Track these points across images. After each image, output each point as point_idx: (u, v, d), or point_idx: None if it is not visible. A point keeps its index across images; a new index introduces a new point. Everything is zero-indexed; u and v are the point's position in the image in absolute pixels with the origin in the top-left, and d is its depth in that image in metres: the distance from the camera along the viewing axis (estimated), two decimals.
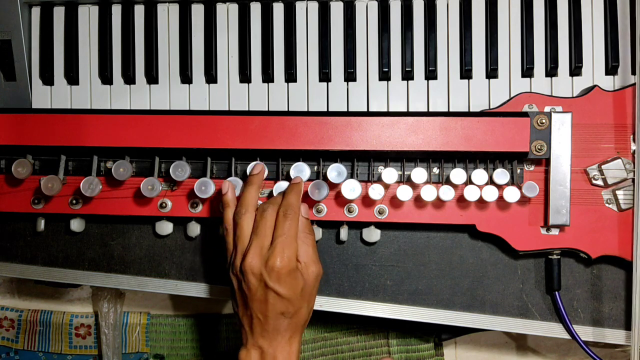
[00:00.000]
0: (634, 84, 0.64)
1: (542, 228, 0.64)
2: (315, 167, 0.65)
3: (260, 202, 0.60)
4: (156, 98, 0.71)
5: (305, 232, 0.59)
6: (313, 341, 0.92)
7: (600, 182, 0.63)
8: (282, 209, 0.57)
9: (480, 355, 0.93)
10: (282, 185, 0.62)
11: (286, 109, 0.70)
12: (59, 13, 0.72)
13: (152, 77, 0.71)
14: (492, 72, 0.69)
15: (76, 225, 0.68)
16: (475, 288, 0.68)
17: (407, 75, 0.70)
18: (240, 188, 0.61)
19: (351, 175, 0.64)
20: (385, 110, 0.70)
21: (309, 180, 0.62)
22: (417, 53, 0.70)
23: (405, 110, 0.70)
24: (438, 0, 0.70)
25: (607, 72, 0.68)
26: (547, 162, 0.62)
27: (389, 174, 0.62)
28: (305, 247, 0.58)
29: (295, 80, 0.71)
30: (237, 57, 0.71)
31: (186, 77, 0.71)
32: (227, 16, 0.72)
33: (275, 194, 0.61)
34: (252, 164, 0.62)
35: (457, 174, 0.61)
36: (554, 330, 0.68)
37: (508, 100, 0.65)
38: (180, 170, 0.61)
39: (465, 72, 0.69)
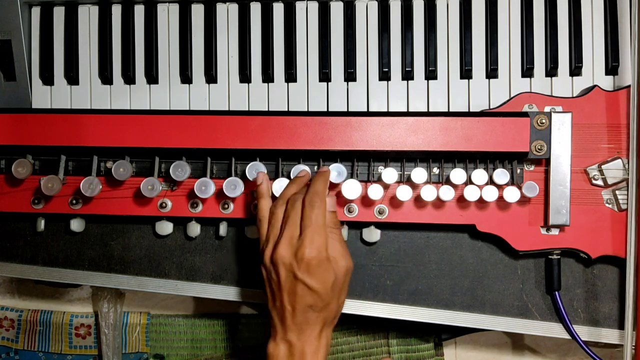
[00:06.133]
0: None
1: (542, 228, 0.64)
2: (315, 167, 0.64)
3: None
4: (156, 98, 0.71)
5: (331, 227, 0.57)
6: None
7: (600, 182, 0.63)
8: (308, 197, 0.56)
9: (480, 355, 0.93)
10: (281, 182, 0.62)
11: (286, 109, 0.70)
12: (59, 13, 0.72)
13: (152, 77, 0.71)
14: (492, 72, 0.69)
15: (76, 225, 0.68)
16: (475, 288, 0.68)
17: (407, 75, 0.70)
18: (239, 188, 0.61)
19: (351, 175, 0.64)
20: (385, 110, 0.70)
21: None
22: (417, 53, 0.70)
23: (405, 110, 0.70)
24: (438, 0, 0.70)
25: (607, 72, 0.68)
26: (547, 162, 0.62)
27: (389, 174, 0.62)
28: (332, 242, 0.56)
29: (295, 80, 0.71)
30: (237, 57, 0.71)
31: (186, 77, 0.71)
32: (227, 16, 0.72)
33: (275, 192, 0.61)
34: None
35: (457, 174, 0.61)
36: (554, 330, 0.68)
37: (508, 100, 0.65)
38: (180, 170, 0.61)
39: (465, 72, 0.69)
